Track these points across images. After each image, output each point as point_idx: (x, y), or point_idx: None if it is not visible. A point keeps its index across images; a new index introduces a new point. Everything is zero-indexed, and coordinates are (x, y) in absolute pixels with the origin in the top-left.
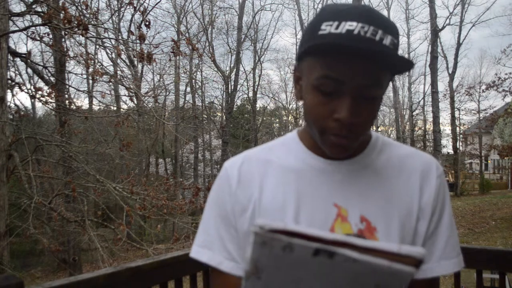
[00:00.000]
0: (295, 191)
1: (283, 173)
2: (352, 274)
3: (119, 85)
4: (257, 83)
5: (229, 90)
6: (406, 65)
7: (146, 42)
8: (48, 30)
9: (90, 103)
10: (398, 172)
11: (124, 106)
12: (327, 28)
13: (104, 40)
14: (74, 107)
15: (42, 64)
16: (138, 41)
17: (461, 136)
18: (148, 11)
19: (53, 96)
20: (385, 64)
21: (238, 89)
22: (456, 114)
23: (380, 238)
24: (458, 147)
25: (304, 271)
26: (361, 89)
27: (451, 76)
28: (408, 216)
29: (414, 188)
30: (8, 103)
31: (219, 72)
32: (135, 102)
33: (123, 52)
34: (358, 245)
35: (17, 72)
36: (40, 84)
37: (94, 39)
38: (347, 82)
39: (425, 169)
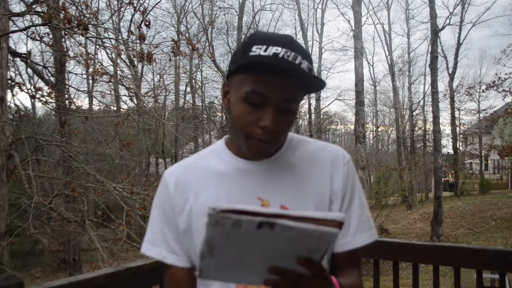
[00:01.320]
0: (225, 190)
1: (215, 177)
2: (289, 240)
3: (119, 85)
4: None
5: None
6: (320, 84)
7: (146, 42)
8: (48, 30)
9: (90, 103)
10: (311, 164)
11: (124, 106)
12: (257, 50)
13: (104, 40)
14: (74, 107)
15: (42, 64)
16: (138, 41)
17: (461, 136)
18: (148, 11)
19: (53, 96)
20: (302, 83)
21: None
22: (456, 114)
23: None
24: (458, 147)
25: (250, 243)
26: (282, 103)
27: (451, 76)
28: (321, 201)
29: (325, 177)
30: (8, 103)
31: (219, 72)
32: (135, 102)
33: (123, 52)
34: (293, 215)
35: (17, 72)
36: (40, 84)
37: (94, 39)
38: (272, 96)
39: (334, 159)
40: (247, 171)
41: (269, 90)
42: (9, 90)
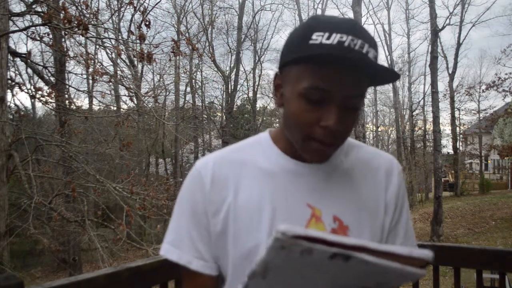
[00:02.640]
0: (270, 193)
1: (258, 175)
2: (362, 273)
3: (119, 85)
4: (257, 83)
5: (229, 90)
6: (390, 76)
7: (146, 42)
8: (48, 30)
9: (90, 103)
10: (365, 172)
11: (124, 106)
12: (318, 38)
13: (104, 40)
14: (74, 107)
15: (42, 64)
16: (138, 41)
17: (461, 136)
18: (148, 11)
19: (53, 96)
20: (370, 76)
21: (238, 89)
22: (456, 114)
23: (352, 236)
24: (458, 147)
25: (314, 271)
26: (347, 99)
27: (451, 76)
28: (376, 212)
29: (380, 186)
30: (8, 103)
31: (219, 72)
32: (135, 102)
33: (123, 52)
34: (373, 249)
35: (17, 72)
36: (40, 84)
37: (94, 39)
38: (336, 92)
39: (388, 168)
40: (297, 173)
41: (333, 85)
42: (9, 90)
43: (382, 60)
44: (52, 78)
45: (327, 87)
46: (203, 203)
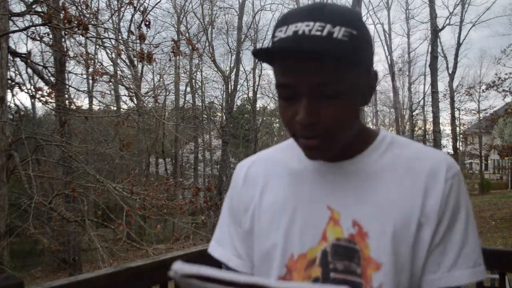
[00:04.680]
0: (294, 193)
1: (286, 175)
2: None
3: (119, 85)
4: (257, 83)
5: (229, 90)
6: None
7: (146, 42)
8: (48, 30)
9: (90, 103)
10: (403, 173)
11: (124, 106)
12: (279, 34)
13: (104, 40)
14: (74, 107)
15: (42, 64)
16: (138, 41)
17: (461, 136)
18: (148, 11)
19: (53, 96)
20: (337, 58)
21: (238, 89)
22: (456, 114)
23: (372, 244)
24: (458, 147)
25: None
26: (316, 89)
27: (451, 76)
28: (406, 222)
29: (418, 191)
30: (8, 103)
31: (219, 72)
32: (135, 102)
33: (123, 52)
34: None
35: (17, 72)
36: (40, 84)
37: (94, 39)
38: (299, 85)
39: (433, 171)
40: (321, 172)
41: (294, 79)
42: (9, 90)
43: (382, 60)
44: (52, 78)
45: (290, 81)
46: (237, 201)
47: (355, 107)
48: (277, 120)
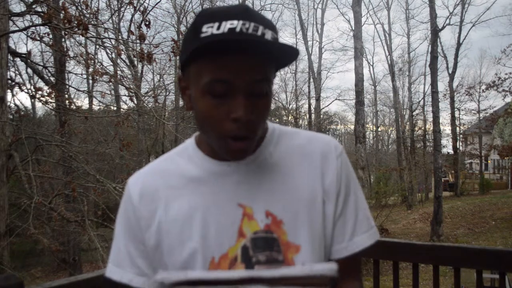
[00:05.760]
0: (199, 199)
1: (185, 183)
2: None
3: (119, 85)
4: None
5: None
6: (291, 52)
7: (146, 42)
8: (48, 30)
9: (90, 103)
10: (298, 160)
11: (124, 106)
12: (209, 30)
13: (104, 40)
14: (74, 107)
15: (42, 64)
16: (138, 41)
17: (461, 136)
18: (148, 11)
19: (53, 96)
20: (270, 57)
21: None
22: (456, 114)
23: (288, 230)
24: (458, 147)
25: None
26: (252, 85)
27: (451, 76)
28: (313, 201)
29: (316, 172)
30: (8, 103)
31: None
32: (135, 102)
33: (123, 52)
34: (267, 277)
35: (17, 72)
36: (40, 84)
37: (94, 39)
38: (237, 80)
39: (324, 152)
40: (224, 174)
41: (232, 74)
42: (9, 90)
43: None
44: (52, 78)
45: (227, 77)
46: (135, 219)
47: (270, 108)
48: (277, 120)
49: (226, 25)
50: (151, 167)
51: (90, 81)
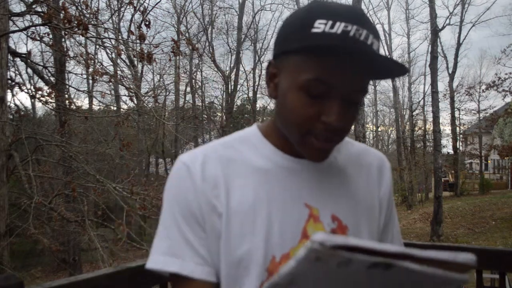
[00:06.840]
0: (265, 192)
1: (250, 173)
2: (403, 282)
3: (119, 85)
4: (257, 83)
5: (229, 90)
6: (398, 71)
7: (146, 42)
8: (48, 30)
9: (90, 103)
10: (357, 169)
11: (124, 106)
12: (321, 26)
13: (104, 40)
14: (74, 107)
15: (42, 64)
16: (138, 41)
17: (461, 136)
18: (148, 11)
19: (53, 96)
20: (375, 69)
21: (238, 89)
22: (456, 114)
23: (351, 236)
24: (458, 147)
25: (349, 282)
26: (350, 94)
27: (451, 76)
28: (372, 211)
29: (374, 183)
30: (8, 103)
31: (219, 72)
32: (135, 102)
33: (123, 52)
34: (417, 256)
35: (17, 72)
36: (40, 84)
37: (94, 39)
38: (339, 85)
39: (380, 165)
40: (292, 170)
41: (336, 78)
42: (9, 90)
43: None
44: (52, 78)
45: (330, 80)
46: (196, 201)
47: None
48: None
49: (340, 26)
50: (208, 150)
51: (90, 81)
